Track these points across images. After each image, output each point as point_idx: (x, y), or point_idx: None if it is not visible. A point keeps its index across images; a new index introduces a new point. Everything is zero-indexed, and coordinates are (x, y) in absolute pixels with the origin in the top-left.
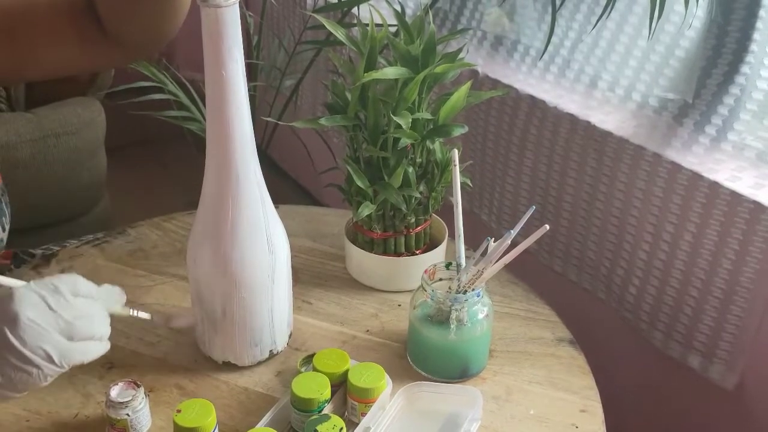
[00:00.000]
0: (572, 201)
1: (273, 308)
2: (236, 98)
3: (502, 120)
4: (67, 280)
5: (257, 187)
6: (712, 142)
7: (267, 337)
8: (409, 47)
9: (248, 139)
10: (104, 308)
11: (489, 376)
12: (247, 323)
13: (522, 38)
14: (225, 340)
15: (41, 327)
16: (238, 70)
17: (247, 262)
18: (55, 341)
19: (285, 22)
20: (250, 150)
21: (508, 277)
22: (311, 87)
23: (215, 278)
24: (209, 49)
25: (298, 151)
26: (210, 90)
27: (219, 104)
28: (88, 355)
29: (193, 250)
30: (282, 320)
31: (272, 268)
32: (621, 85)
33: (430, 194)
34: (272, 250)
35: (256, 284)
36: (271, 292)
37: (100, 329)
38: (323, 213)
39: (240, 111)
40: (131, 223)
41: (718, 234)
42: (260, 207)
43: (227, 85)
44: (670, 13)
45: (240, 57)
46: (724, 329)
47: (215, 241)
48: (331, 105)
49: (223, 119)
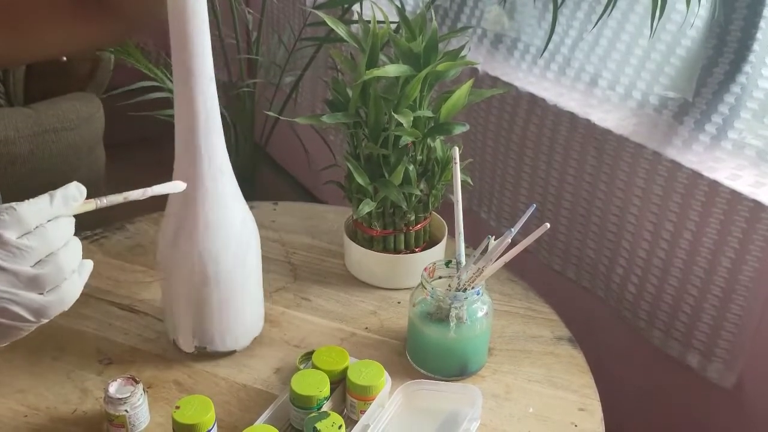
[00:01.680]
0: (572, 199)
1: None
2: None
3: (502, 118)
4: (10, 221)
5: (221, 174)
6: (713, 141)
7: (237, 326)
8: (410, 44)
9: (214, 113)
10: (65, 225)
11: (488, 374)
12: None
13: (522, 36)
14: (193, 324)
15: (1, 291)
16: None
17: (213, 243)
18: (25, 300)
19: (285, 18)
20: (213, 119)
21: (507, 276)
22: (310, 84)
23: (178, 261)
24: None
25: (296, 148)
26: (177, 70)
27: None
28: (69, 299)
29: (162, 233)
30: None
31: (237, 256)
32: (621, 83)
33: (431, 192)
34: (238, 236)
35: (222, 270)
36: (236, 280)
37: (70, 264)
38: (322, 210)
39: (204, 87)
40: (130, 218)
41: (717, 233)
42: (222, 187)
43: (193, 57)
44: (672, 12)
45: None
46: (723, 328)
47: (179, 224)
48: (332, 102)
49: (190, 93)
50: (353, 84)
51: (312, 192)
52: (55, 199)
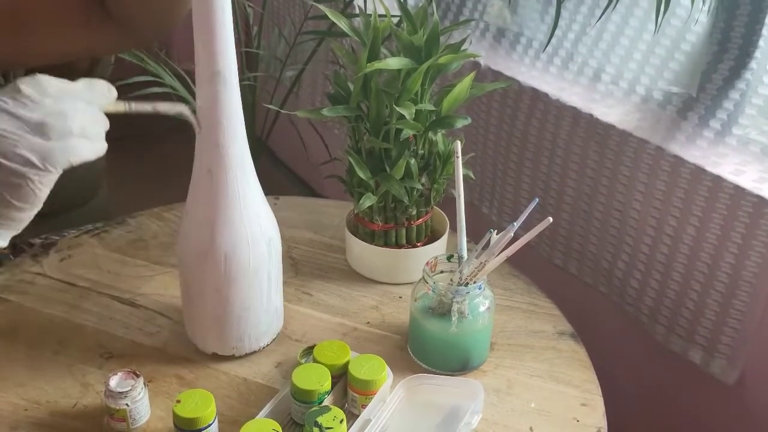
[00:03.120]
0: (574, 194)
1: (260, 299)
2: (227, 64)
3: (504, 112)
4: (31, 81)
5: (247, 175)
6: (717, 137)
7: (254, 329)
8: (412, 38)
9: (233, 125)
10: (83, 105)
11: (490, 369)
12: (234, 313)
13: (525, 30)
14: (210, 329)
15: (8, 132)
16: (225, 58)
17: (233, 247)
18: (30, 144)
19: (286, 11)
20: (239, 124)
21: (509, 270)
22: (311, 78)
23: (199, 264)
24: (199, 34)
25: (297, 143)
26: (198, 89)
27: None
28: (74, 153)
29: (181, 236)
30: (271, 312)
31: (263, 256)
32: (625, 78)
33: (432, 186)
34: (261, 238)
35: (241, 273)
36: (260, 282)
37: (78, 123)
38: (324, 204)
39: (225, 104)
40: (130, 213)
41: (720, 228)
42: (244, 191)
43: (213, 77)
44: (677, 7)
45: (228, 42)
46: (725, 324)
47: (201, 226)
48: (333, 96)
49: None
50: (354, 77)
51: (313, 187)
52: (78, 82)
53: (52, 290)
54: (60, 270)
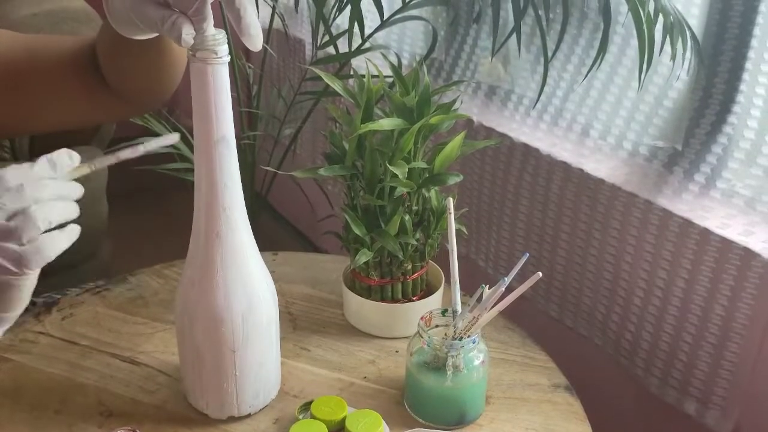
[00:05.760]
0: (567, 247)
1: (271, 353)
2: (227, 159)
3: (497, 168)
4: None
5: (247, 236)
6: (702, 190)
7: (251, 389)
8: (404, 99)
9: (237, 187)
10: (52, 186)
11: (486, 423)
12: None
13: (516, 88)
14: (207, 392)
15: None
16: (228, 124)
17: (249, 306)
18: (4, 251)
19: (284, 73)
20: (238, 197)
21: (504, 323)
22: (310, 136)
23: (216, 329)
24: (198, 103)
25: (297, 197)
26: (199, 153)
27: (207, 160)
28: (48, 250)
29: (190, 304)
30: (268, 373)
31: (272, 310)
32: (612, 133)
33: (427, 241)
34: (268, 291)
35: (257, 331)
36: (271, 336)
37: (45, 218)
38: (322, 259)
39: (229, 167)
40: (132, 270)
41: (710, 280)
42: (248, 250)
43: (216, 143)
44: (658, 65)
45: (228, 108)
46: (718, 375)
47: (214, 291)
48: (330, 155)
49: (211, 175)
50: (349, 137)
51: (312, 241)
52: (37, 163)
53: (55, 349)
54: (62, 329)
